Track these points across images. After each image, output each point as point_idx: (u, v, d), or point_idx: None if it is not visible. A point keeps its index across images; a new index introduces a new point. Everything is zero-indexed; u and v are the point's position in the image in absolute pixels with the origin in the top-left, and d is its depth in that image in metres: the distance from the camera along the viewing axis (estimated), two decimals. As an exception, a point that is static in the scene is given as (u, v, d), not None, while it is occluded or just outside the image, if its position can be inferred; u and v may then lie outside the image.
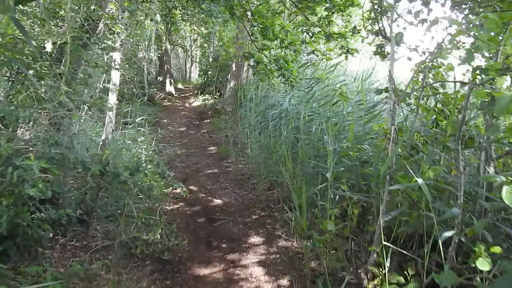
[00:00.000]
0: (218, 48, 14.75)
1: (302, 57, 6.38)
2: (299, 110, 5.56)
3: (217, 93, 13.68)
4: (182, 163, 6.86)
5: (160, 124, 10.23)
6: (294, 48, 5.68)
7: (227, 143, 7.95)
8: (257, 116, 6.88)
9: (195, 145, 8.17)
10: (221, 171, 6.42)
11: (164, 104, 13.33)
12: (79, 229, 3.29)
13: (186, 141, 8.57)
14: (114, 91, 4.49)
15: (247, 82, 10.20)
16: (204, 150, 7.76)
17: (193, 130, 9.70)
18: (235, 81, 10.90)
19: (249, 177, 5.92)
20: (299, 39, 5.47)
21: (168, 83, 15.34)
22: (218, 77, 13.55)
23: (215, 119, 10.41)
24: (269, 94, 7.33)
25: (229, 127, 8.95)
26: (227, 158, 7.06)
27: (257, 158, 5.89)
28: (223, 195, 5.30)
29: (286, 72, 5.62)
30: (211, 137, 8.86)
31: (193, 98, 14.52)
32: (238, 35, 8.98)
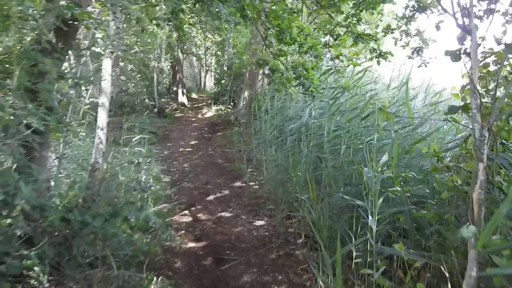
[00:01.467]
0: (232, 56, 14.13)
1: (324, 63, 5.64)
2: (322, 124, 4.79)
3: (231, 103, 13.03)
4: (190, 183, 6.15)
5: (169, 138, 9.61)
6: (315, 53, 4.93)
7: (240, 159, 7.22)
8: (273, 130, 6.13)
9: (206, 162, 7.46)
10: (233, 193, 5.67)
11: (176, 116, 12.75)
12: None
13: (196, 157, 7.88)
14: (104, 107, 3.81)
15: (262, 92, 9.48)
16: (215, 168, 7.05)
17: (205, 144, 9.02)
18: (249, 90, 10.21)
19: (264, 202, 5.15)
20: (320, 42, 4.71)
21: (181, 93, 14.80)
22: (232, 86, 12.90)
23: (228, 132, 9.71)
24: (287, 105, 6.57)
25: (242, 141, 8.22)
26: (240, 178, 6.31)
27: (274, 180, 5.12)
28: (235, 225, 4.54)
29: (306, 81, 4.86)
30: (223, 152, 8.15)
31: (206, 108, 13.91)
32: (252, 40, 8.29)
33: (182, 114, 13.46)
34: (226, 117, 11.13)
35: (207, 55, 20.89)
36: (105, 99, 3.84)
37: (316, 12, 4.64)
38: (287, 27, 4.78)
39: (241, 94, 10.63)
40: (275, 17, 4.77)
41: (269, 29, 4.84)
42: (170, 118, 11.96)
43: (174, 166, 7.16)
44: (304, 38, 4.86)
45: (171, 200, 5.36)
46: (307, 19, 6.16)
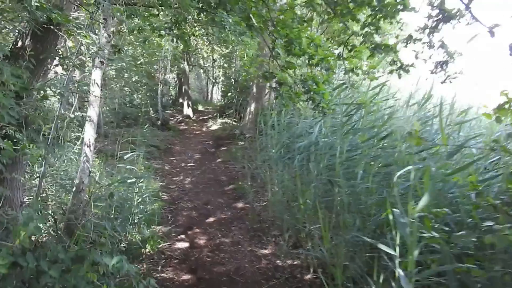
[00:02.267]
0: (239, 68, 13.85)
1: (336, 76, 5.22)
2: (334, 143, 4.35)
3: (237, 116, 12.68)
4: (189, 202, 5.73)
5: (172, 151, 9.23)
6: (327, 66, 4.54)
7: (244, 177, 6.79)
8: (280, 147, 5.71)
9: (208, 178, 7.05)
10: (235, 215, 5.23)
11: (180, 128, 12.41)
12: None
13: (198, 172, 7.47)
14: (91, 122, 3.44)
15: (268, 106, 9.10)
16: (217, 186, 6.62)
17: (208, 159, 8.62)
18: (256, 104, 9.84)
19: (269, 227, 4.70)
20: (333, 54, 4.32)
21: (186, 105, 14.51)
22: (238, 99, 12.56)
23: (232, 146, 9.31)
24: (295, 121, 6.15)
25: (247, 157, 7.80)
26: (244, 198, 5.88)
27: (280, 203, 4.67)
28: (235, 253, 4.09)
29: (316, 96, 4.46)
30: (227, 169, 7.73)
31: (211, 121, 13.56)
32: (259, 52, 7.95)
33: (186, 126, 13.12)
34: (231, 131, 10.75)
35: (215, 67, 20.70)
36: (93, 112, 3.47)
37: (328, 21, 4.26)
38: (296, 37, 4.42)
39: (247, 108, 10.26)
40: (283, 27, 4.41)
41: (277, 39, 4.47)
42: (174, 130, 11.62)
43: (174, 182, 6.76)
44: (315, 50, 4.48)
45: (167, 221, 4.95)
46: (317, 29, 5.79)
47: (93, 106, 3.45)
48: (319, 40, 4.54)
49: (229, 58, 16.02)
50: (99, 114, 9.21)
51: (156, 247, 4.06)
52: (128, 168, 5.03)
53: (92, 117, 3.45)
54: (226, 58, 16.21)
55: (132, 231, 4.17)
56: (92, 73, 3.48)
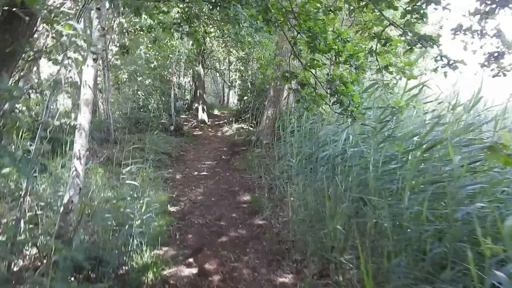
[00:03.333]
0: (256, 71, 13.32)
1: (367, 76, 4.58)
2: (365, 153, 3.73)
3: (253, 121, 12.13)
4: (201, 217, 5.18)
5: (184, 159, 8.74)
6: (356, 64, 3.92)
7: (261, 188, 6.21)
8: (301, 156, 5.10)
9: (222, 190, 6.49)
10: (251, 234, 4.64)
11: (194, 134, 11.95)
12: None
13: (212, 182, 6.93)
14: (82, 130, 2.92)
15: (287, 110, 8.50)
16: (231, 198, 6.05)
17: (222, 168, 8.07)
18: (273, 108, 9.25)
19: (289, 249, 4.08)
20: (363, 49, 3.70)
21: (201, 110, 14.07)
22: (255, 103, 12.02)
23: (248, 154, 8.74)
24: (317, 127, 5.54)
25: (264, 165, 7.22)
26: (260, 212, 5.28)
27: (302, 224, 4.05)
28: (251, 283, 3.50)
29: (344, 98, 3.85)
30: (242, 178, 7.16)
31: (226, 126, 13.06)
32: (277, 51, 7.37)
33: (201, 132, 12.65)
34: (248, 136, 10.20)
35: (231, 70, 20.27)
36: (84, 119, 2.95)
37: (359, 10, 3.64)
38: (321, 31, 3.82)
39: (264, 112, 9.69)
40: (306, 19, 3.83)
41: (299, 33, 3.89)
42: (188, 136, 11.15)
43: (185, 193, 6.23)
44: (342, 45, 3.88)
45: (174, 241, 4.40)
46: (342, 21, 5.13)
47: (83, 111, 2.94)
48: (346, 33, 3.93)
49: (245, 60, 15.52)
50: (109, 120, 8.85)
51: (159, 275, 3.51)
52: (131, 182, 4.52)
53: (83, 125, 2.94)
54: (242, 61, 15.72)
55: (133, 254, 3.64)
56: (83, 72, 2.97)
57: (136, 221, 3.51)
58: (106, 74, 8.48)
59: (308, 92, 4.13)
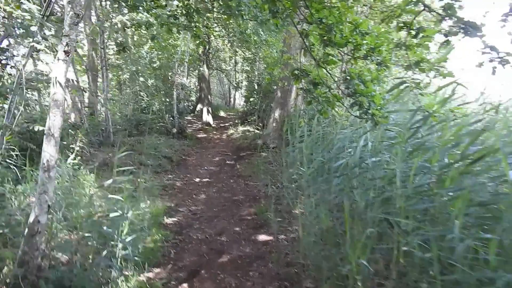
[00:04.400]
0: (262, 71, 12.80)
1: (391, 73, 3.99)
2: (389, 164, 3.17)
3: (259, 123, 11.60)
4: (200, 232, 4.67)
5: (186, 163, 8.24)
6: (378, 59, 3.37)
7: (267, 198, 5.67)
8: (312, 164, 4.56)
9: (225, 199, 5.97)
10: (256, 253, 4.11)
11: (198, 137, 11.46)
12: None
13: (214, 190, 6.41)
14: (52, 137, 2.41)
15: (295, 113, 7.96)
16: (235, 208, 5.53)
17: (226, 174, 7.55)
18: (281, 110, 8.71)
19: (299, 274, 3.53)
20: (387, 41, 3.15)
21: (205, 111, 13.58)
22: (261, 104, 11.49)
23: (254, 158, 8.21)
24: (330, 131, 4.98)
25: (271, 172, 6.69)
26: (266, 227, 4.75)
27: (315, 246, 3.50)
28: (254, 317, 2.97)
29: (364, 99, 3.31)
30: (247, 186, 6.63)
31: (232, 129, 12.55)
32: (284, 48, 6.84)
33: (205, 134, 12.16)
34: (254, 140, 9.67)
35: (237, 71, 19.80)
36: (53, 124, 2.44)
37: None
38: (337, 21, 3.29)
39: (271, 114, 9.16)
40: (319, 8, 3.30)
41: (311, 24, 3.35)
42: (191, 139, 10.67)
43: (184, 203, 5.72)
44: (361, 37, 3.34)
45: (168, 260, 3.88)
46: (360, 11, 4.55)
47: (53, 114, 2.43)
48: (365, 25, 3.39)
49: (251, 61, 15.02)
50: (107, 122, 8.38)
51: None
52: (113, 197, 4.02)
53: (53, 130, 2.43)
54: (248, 61, 15.22)
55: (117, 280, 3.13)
56: (54, 68, 2.46)
57: (117, 243, 2.99)
58: (104, 74, 8.02)
59: (322, 92, 3.60)
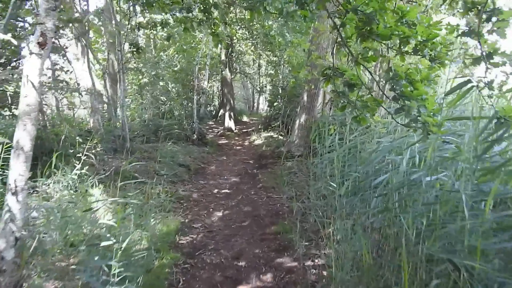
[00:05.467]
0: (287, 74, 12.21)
1: (448, 70, 3.32)
2: (447, 184, 2.51)
3: (283, 129, 11.00)
4: (215, 254, 4.11)
5: (204, 172, 7.74)
6: (431, 54, 2.74)
7: (292, 214, 5.06)
8: (344, 179, 3.92)
9: (245, 214, 5.40)
10: (278, 283, 3.50)
11: (219, 143, 10.98)
12: None
13: (233, 203, 5.86)
14: (21, 151, 1.93)
15: (323, 118, 7.32)
16: (255, 225, 4.94)
17: (247, 184, 6.99)
18: (307, 116, 8.09)
19: (331, 317, 2.91)
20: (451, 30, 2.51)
21: (227, 116, 13.11)
22: (286, 109, 10.89)
23: (278, 168, 7.61)
24: (365, 139, 4.32)
25: (296, 184, 6.07)
26: (291, 249, 4.14)
27: (351, 284, 2.85)
28: None
29: (414, 104, 2.67)
30: (270, 199, 6.03)
31: (255, 135, 12.00)
32: (312, 47, 6.23)
33: (226, 140, 11.67)
34: (277, 147, 9.07)
35: (261, 75, 19.31)
36: (23, 135, 1.95)
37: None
38: (380, 8, 2.68)
39: (295, 120, 8.54)
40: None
41: (347, 12, 2.75)
42: (212, 146, 10.19)
43: (200, 218, 5.19)
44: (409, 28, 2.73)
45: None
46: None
47: (23, 123, 1.94)
48: (414, 13, 2.75)
49: (275, 64, 14.47)
50: (124, 127, 8.02)
51: None
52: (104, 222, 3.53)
53: (22, 143, 1.94)
54: (272, 64, 14.68)
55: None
56: (25, 64, 1.98)
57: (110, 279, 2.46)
58: (121, 77, 7.67)
59: (359, 96, 2.98)
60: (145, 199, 4.99)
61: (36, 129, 1.97)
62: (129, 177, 5.93)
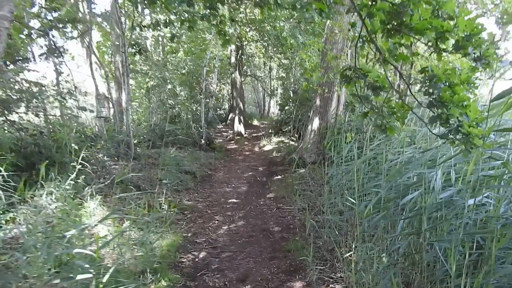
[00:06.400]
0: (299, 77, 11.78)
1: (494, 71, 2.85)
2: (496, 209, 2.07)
3: (295, 134, 10.57)
4: (219, 275, 3.71)
5: (211, 180, 7.36)
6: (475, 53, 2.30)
7: (303, 228, 4.63)
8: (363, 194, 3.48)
9: (253, 226, 4.98)
10: (289, 313, 3.08)
11: (228, 148, 10.60)
12: None
13: (241, 215, 5.45)
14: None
15: (338, 123, 6.88)
16: (265, 241, 4.52)
17: (256, 193, 6.58)
18: (320, 120, 7.65)
19: None
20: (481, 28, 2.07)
21: (237, 121, 12.74)
22: (297, 114, 10.45)
23: (289, 176, 7.19)
24: (388, 148, 3.86)
25: (309, 195, 5.64)
26: (303, 271, 3.71)
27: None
28: None
29: (456, 111, 2.25)
30: (280, 211, 5.60)
31: (265, 139, 11.59)
32: (328, 46, 5.80)
33: (236, 145, 11.29)
34: (288, 153, 8.64)
35: (272, 78, 18.91)
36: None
37: None
38: (412, 0, 2.28)
39: (308, 125, 8.10)
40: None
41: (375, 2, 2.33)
42: (220, 151, 9.81)
43: (204, 232, 4.80)
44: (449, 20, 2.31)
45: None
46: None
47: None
48: (452, 5, 2.31)
49: (287, 67, 14.06)
50: (129, 132, 7.69)
51: None
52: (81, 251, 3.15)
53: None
54: (283, 67, 14.27)
55: None
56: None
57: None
58: (125, 80, 7.36)
59: (386, 100, 2.54)
60: (145, 210, 4.62)
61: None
62: (130, 186, 5.58)
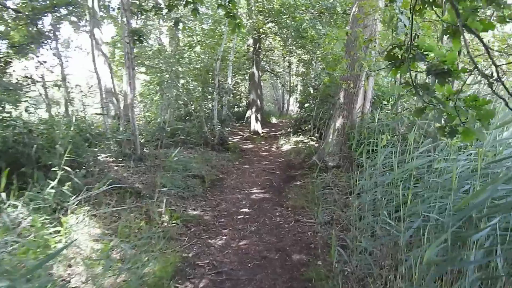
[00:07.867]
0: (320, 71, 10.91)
1: None
2: None
3: (316, 133, 9.72)
4: (222, 309, 2.96)
5: (222, 185, 6.64)
6: None
7: (326, 249, 3.84)
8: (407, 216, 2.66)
9: (266, 247, 4.20)
10: None
11: (243, 148, 9.87)
12: None
13: (253, 229, 4.70)
14: None
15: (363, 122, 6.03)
16: (279, 265, 3.75)
17: (271, 202, 5.81)
18: (344, 119, 6.80)
19: None
20: None
21: (254, 119, 12.00)
22: (318, 111, 9.60)
23: (309, 181, 6.37)
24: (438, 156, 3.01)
25: (332, 205, 4.83)
26: (327, 312, 2.92)
27: None
28: None
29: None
30: (299, 225, 4.80)
31: (283, 139, 10.79)
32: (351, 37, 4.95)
33: (252, 145, 10.55)
34: (308, 155, 7.82)
35: (292, 74, 18.06)
36: None
37: None
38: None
39: (330, 124, 7.25)
40: None
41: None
42: (234, 152, 9.09)
43: (208, 251, 4.07)
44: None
45: None
46: None
47: None
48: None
49: (307, 61, 13.19)
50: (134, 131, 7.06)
51: None
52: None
53: None
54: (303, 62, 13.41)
55: None
56: None
57: None
58: (130, 73, 6.72)
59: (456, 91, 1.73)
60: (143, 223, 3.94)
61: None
62: (129, 192, 4.94)
